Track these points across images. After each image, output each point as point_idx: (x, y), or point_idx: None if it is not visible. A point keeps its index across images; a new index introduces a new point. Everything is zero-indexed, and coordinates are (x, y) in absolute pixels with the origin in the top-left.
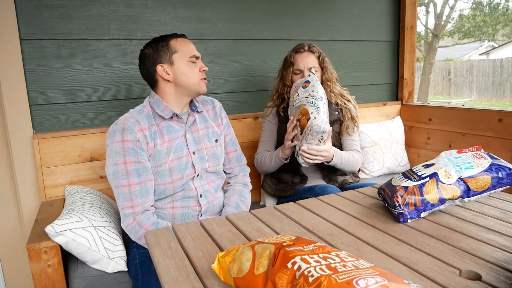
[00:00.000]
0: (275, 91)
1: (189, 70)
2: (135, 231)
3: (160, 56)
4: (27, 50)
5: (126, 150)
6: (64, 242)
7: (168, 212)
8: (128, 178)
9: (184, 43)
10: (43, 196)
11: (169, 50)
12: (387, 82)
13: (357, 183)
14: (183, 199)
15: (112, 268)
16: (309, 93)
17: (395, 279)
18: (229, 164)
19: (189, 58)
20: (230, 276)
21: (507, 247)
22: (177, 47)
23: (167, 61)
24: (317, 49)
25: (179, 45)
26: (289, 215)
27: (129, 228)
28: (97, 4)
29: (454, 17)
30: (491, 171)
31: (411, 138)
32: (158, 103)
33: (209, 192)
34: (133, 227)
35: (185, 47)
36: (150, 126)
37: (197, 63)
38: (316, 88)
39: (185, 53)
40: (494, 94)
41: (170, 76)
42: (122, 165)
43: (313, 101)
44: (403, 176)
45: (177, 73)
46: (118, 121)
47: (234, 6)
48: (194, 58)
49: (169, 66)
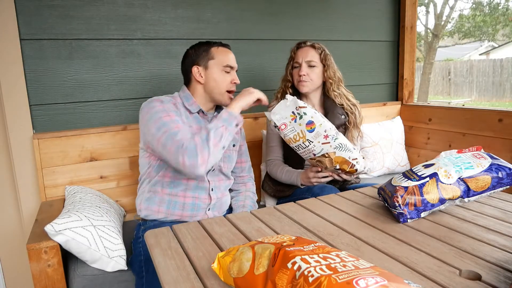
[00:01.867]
0: (279, 88)
1: (221, 78)
2: (194, 142)
3: (198, 59)
4: (27, 50)
5: (167, 109)
6: (63, 241)
7: (179, 200)
8: (176, 123)
9: (224, 52)
10: (43, 196)
11: (208, 56)
12: (387, 82)
13: (358, 184)
14: (195, 189)
15: (112, 267)
16: (324, 135)
17: (395, 279)
18: (241, 172)
19: (223, 66)
20: (230, 276)
21: (507, 247)
22: (215, 54)
23: (203, 65)
24: (321, 46)
25: (218, 53)
26: (289, 215)
27: (188, 146)
28: (97, 4)
29: (454, 17)
30: (491, 171)
31: (411, 138)
32: (188, 98)
33: (219, 188)
34: (190, 141)
35: (222, 56)
36: (179, 111)
37: (231, 73)
38: (324, 124)
39: (220, 61)
40: (494, 94)
41: (202, 79)
42: (167, 117)
43: (339, 144)
44: (403, 176)
45: (209, 78)
46: (151, 99)
47: (234, 6)
48: (228, 68)
49: (203, 70)
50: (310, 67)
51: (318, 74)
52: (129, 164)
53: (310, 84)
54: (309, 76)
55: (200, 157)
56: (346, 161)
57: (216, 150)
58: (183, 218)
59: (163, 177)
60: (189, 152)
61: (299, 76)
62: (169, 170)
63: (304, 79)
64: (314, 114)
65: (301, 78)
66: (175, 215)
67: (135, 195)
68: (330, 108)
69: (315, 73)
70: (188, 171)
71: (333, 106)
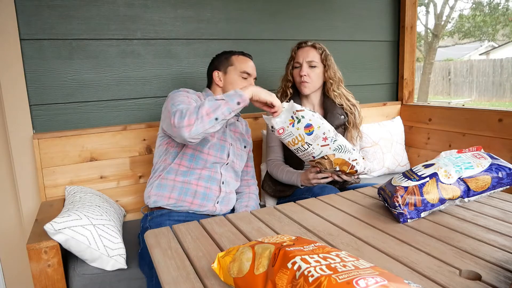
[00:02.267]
0: (280, 88)
1: (237, 83)
2: (188, 108)
3: (220, 64)
4: (27, 50)
5: (190, 96)
6: (63, 240)
7: (192, 188)
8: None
9: (243, 60)
10: (43, 196)
11: (228, 62)
12: (387, 82)
13: (358, 184)
14: (208, 180)
15: (111, 266)
16: (323, 137)
17: (395, 279)
18: (247, 175)
19: (240, 72)
20: (230, 276)
21: (507, 247)
22: (234, 61)
23: (223, 70)
24: (321, 46)
25: (238, 60)
26: (289, 215)
27: (182, 111)
28: (97, 4)
29: (454, 17)
30: (491, 171)
31: (411, 138)
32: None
33: (229, 184)
34: (185, 108)
35: (241, 63)
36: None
37: (248, 80)
38: (323, 126)
39: (239, 68)
40: (494, 94)
41: (221, 83)
42: (184, 97)
43: (339, 146)
44: (403, 176)
45: (227, 82)
46: (180, 89)
47: (234, 6)
48: (245, 74)
49: (223, 75)
50: (311, 67)
51: (319, 74)
52: (129, 164)
53: (311, 85)
54: (310, 77)
55: (186, 119)
56: (346, 163)
57: (206, 119)
58: (192, 206)
59: (179, 166)
60: (179, 114)
61: (300, 76)
62: (185, 159)
63: (305, 79)
64: (312, 117)
65: (302, 78)
66: (186, 202)
67: (135, 195)
68: (330, 109)
69: (316, 73)
70: (175, 132)
71: (332, 106)
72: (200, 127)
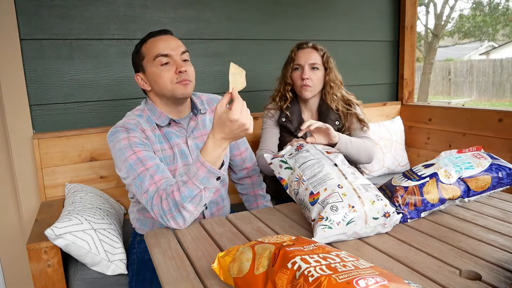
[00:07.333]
0: (277, 91)
1: (158, 74)
2: (162, 209)
3: (136, 65)
4: (27, 50)
5: (133, 144)
6: (64, 245)
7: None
8: (144, 163)
9: (152, 43)
10: (43, 196)
11: (139, 57)
12: (387, 82)
13: None
14: None
15: (112, 270)
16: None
17: (395, 279)
18: (243, 164)
19: (153, 60)
20: (230, 276)
21: (507, 247)
22: (144, 52)
23: (141, 69)
24: (322, 48)
25: (147, 48)
26: (289, 215)
27: (157, 210)
28: (97, 4)
29: (454, 17)
30: (491, 171)
31: (411, 138)
32: (153, 110)
33: (215, 203)
34: (157, 204)
35: (151, 48)
36: (153, 129)
37: (170, 64)
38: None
39: (150, 56)
40: (494, 94)
41: (147, 85)
42: (133, 156)
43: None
44: (403, 176)
45: (150, 81)
46: (117, 124)
47: (234, 6)
48: (161, 58)
49: (144, 75)
50: (312, 70)
51: (320, 77)
52: None
53: (313, 88)
54: (312, 80)
55: (173, 222)
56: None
57: (196, 211)
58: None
59: None
60: (160, 218)
61: (302, 79)
62: None
63: (307, 83)
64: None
65: (304, 82)
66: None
67: None
68: (325, 113)
69: (318, 76)
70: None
71: (328, 112)
72: (191, 220)
